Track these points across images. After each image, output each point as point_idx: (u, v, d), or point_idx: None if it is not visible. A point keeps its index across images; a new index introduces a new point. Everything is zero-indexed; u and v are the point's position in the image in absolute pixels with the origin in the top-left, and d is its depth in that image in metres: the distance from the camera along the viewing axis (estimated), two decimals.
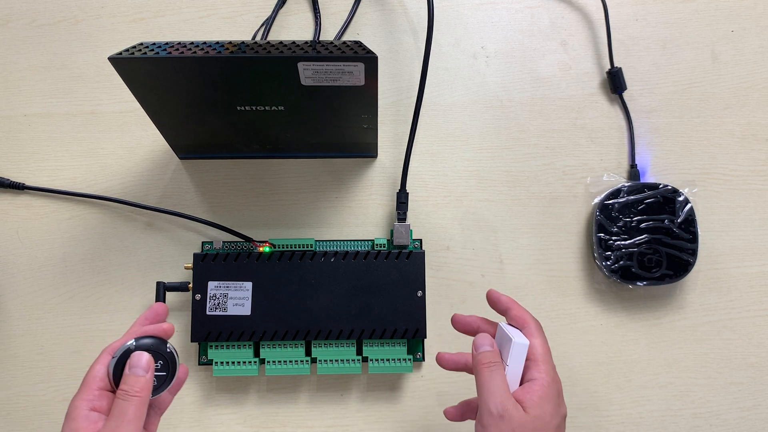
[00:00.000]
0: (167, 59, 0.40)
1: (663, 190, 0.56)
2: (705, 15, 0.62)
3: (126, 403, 0.37)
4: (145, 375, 0.38)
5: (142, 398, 0.37)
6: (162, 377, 0.40)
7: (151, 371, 0.39)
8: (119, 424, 0.36)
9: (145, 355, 0.39)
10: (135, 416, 0.37)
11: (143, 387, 0.38)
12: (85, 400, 0.38)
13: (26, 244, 0.57)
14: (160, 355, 0.40)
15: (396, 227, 0.56)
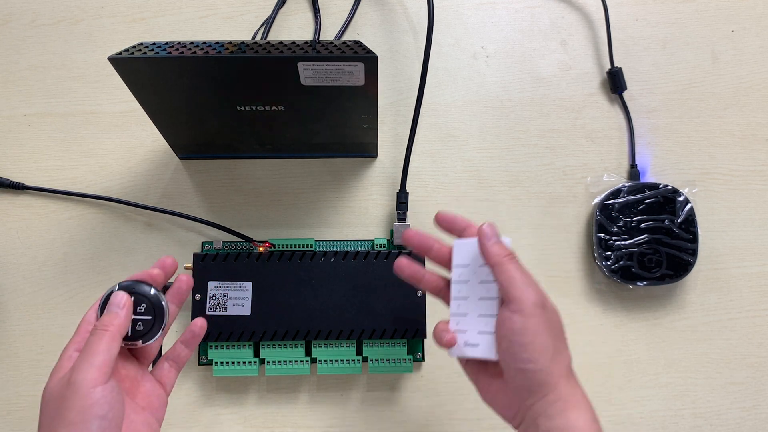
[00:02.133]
0: (167, 59, 0.40)
1: (663, 190, 0.56)
2: (705, 15, 0.62)
3: (93, 336, 0.37)
4: (117, 311, 0.38)
5: (110, 332, 0.37)
6: (148, 321, 0.40)
7: (126, 308, 0.38)
8: (86, 356, 0.35)
9: (120, 294, 0.39)
10: (102, 349, 0.36)
11: (112, 322, 0.37)
12: (74, 342, 0.38)
13: (26, 244, 0.57)
14: (144, 298, 0.40)
15: (396, 227, 0.56)
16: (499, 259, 0.39)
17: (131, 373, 0.40)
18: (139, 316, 0.40)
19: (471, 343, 0.40)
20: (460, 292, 0.41)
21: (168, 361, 0.43)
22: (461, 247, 0.42)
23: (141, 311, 0.40)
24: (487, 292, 0.40)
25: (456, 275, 0.42)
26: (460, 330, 0.41)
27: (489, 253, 0.39)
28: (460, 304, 0.41)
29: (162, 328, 0.40)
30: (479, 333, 0.39)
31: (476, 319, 0.40)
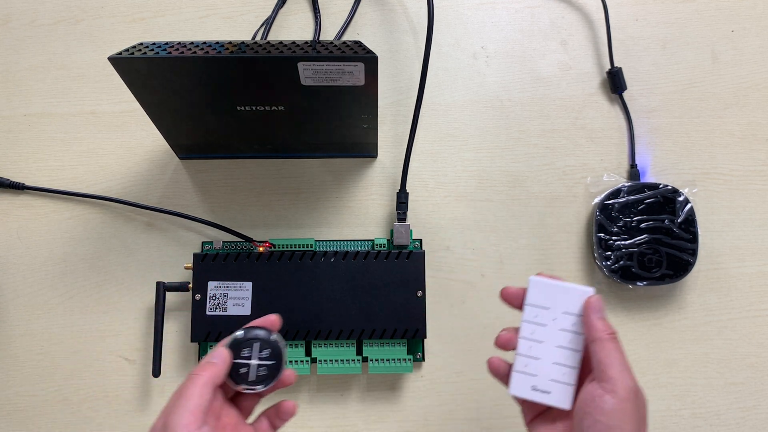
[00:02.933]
0: (167, 59, 0.41)
1: (663, 190, 0.56)
2: (705, 15, 0.62)
3: (187, 381, 0.38)
4: (215, 361, 0.39)
5: (203, 378, 0.37)
6: (272, 366, 0.40)
7: (222, 361, 0.39)
8: (180, 400, 0.37)
9: (221, 351, 0.40)
10: (195, 394, 0.37)
11: (207, 369, 0.38)
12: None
13: (26, 244, 0.57)
14: (267, 343, 0.40)
15: (396, 227, 0.56)
16: (603, 335, 0.38)
17: (232, 421, 0.40)
18: (263, 361, 0.40)
19: (541, 389, 0.40)
20: (533, 334, 0.40)
21: (267, 418, 0.42)
22: (540, 287, 0.41)
23: (265, 356, 0.40)
24: (569, 342, 0.39)
25: (530, 315, 0.40)
26: (527, 372, 0.40)
27: (594, 327, 0.38)
28: (532, 346, 0.40)
29: (278, 376, 0.41)
30: (552, 381, 0.39)
31: (550, 366, 0.40)
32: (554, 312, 0.40)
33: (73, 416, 0.55)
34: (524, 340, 0.40)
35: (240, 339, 0.40)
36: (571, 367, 0.39)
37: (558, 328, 0.40)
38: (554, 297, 0.40)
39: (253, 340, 0.40)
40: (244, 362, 0.40)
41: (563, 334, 0.40)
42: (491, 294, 0.57)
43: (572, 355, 0.39)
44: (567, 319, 0.40)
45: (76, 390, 0.55)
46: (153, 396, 0.55)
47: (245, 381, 0.40)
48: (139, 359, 0.56)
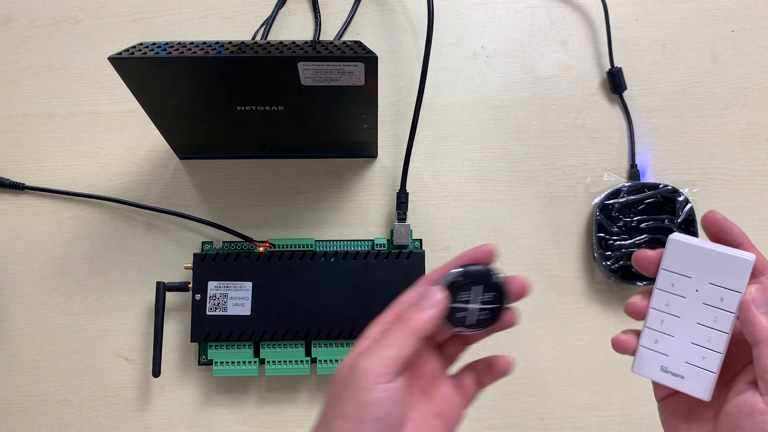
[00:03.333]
0: (167, 59, 0.40)
1: (663, 190, 0.56)
2: (705, 15, 0.62)
3: (394, 326, 0.33)
4: (427, 308, 0.34)
5: (412, 327, 0.33)
6: (495, 310, 0.35)
7: (437, 307, 0.34)
8: (379, 345, 0.32)
9: (435, 291, 0.34)
10: (398, 343, 0.32)
11: (418, 317, 0.33)
12: (381, 321, 0.36)
13: (26, 244, 0.57)
14: (491, 285, 0.35)
15: (396, 227, 0.56)
16: (764, 336, 0.31)
17: (433, 372, 0.36)
18: (486, 305, 0.35)
19: (672, 372, 0.34)
20: (669, 306, 0.34)
21: (473, 373, 0.37)
22: (682, 248, 0.34)
23: (487, 299, 0.35)
24: (715, 321, 0.33)
25: (666, 283, 0.34)
26: (657, 351, 0.35)
27: (757, 325, 0.32)
28: (666, 320, 0.34)
29: (500, 318, 0.36)
30: (688, 364, 0.34)
31: (687, 346, 0.34)
32: (698, 281, 0.33)
33: (73, 416, 0.55)
34: (656, 312, 0.34)
35: (459, 282, 0.35)
36: (714, 351, 0.33)
37: (701, 301, 0.33)
38: (700, 262, 0.33)
39: (474, 282, 0.35)
40: (463, 306, 0.35)
41: (708, 309, 0.33)
42: None
43: (717, 336, 0.33)
44: (715, 292, 0.33)
45: (76, 390, 0.55)
46: (153, 396, 0.55)
47: (462, 324, 0.35)
48: (139, 359, 0.56)
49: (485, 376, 0.37)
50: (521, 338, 0.56)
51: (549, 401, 0.55)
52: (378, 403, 0.31)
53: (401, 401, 0.32)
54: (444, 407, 0.36)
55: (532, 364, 0.55)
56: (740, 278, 0.33)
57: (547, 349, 0.56)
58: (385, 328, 0.34)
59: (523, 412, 0.55)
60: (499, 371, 0.37)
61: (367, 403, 0.31)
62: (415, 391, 0.36)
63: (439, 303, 0.34)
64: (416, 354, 0.34)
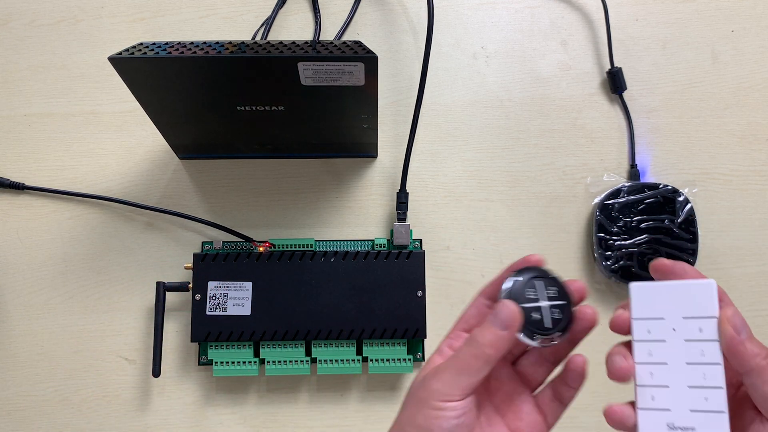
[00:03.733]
0: (167, 59, 0.40)
1: (663, 190, 0.56)
2: (705, 15, 0.62)
3: (468, 350, 0.32)
4: (502, 332, 0.32)
5: (488, 356, 0.32)
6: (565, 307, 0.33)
7: (513, 328, 0.32)
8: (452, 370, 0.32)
9: (509, 306, 0.32)
10: (472, 370, 0.32)
11: (494, 344, 0.32)
12: (447, 338, 0.37)
13: (26, 244, 0.57)
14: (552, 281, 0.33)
15: (396, 227, 0.56)
16: (758, 363, 0.29)
17: (508, 389, 0.36)
18: (553, 301, 0.33)
19: (682, 426, 0.30)
20: (652, 355, 0.32)
21: (550, 387, 0.36)
22: (645, 292, 0.33)
23: (554, 296, 0.33)
24: (702, 355, 0.30)
25: (641, 332, 0.33)
26: (657, 408, 0.31)
27: (742, 355, 0.30)
28: (654, 372, 0.32)
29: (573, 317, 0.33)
30: (693, 411, 0.30)
31: (686, 391, 0.31)
32: (672, 320, 0.32)
33: (73, 416, 0.55)
34: (643, 366, 0.32)
35: (520, 282, 0.33)
36: (714, 388, 0.30)
37: (682, 338, 0.31)
38: (667, 301, 0.32)
39: (534, 278, 0.33)
40: (534, 306, 0.33)
41: (692, 345, 0.31)
42: None
43: (711, 370, 0.30)
44: (692, 325, 0.31)
45: (76, 390, 0.55)
46: (153, 396, 0.55)
47: (541, 329, 0.32)
48: (139, 359, 0.56)
49: (562, 386, 0.35)
50: None
51: None
52: (447, 417, 0.32)
53: (469, 416, 0.32)
54: (520, 425, 0.35)
55: None
56: (710, 303, 0.31)
57: None
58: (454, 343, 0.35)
59: None
60: (572, 373, 0.34)
61: (436, 417, 0.32)
62: (489, 407, 0.36)
63: (514, 319, 0.32)
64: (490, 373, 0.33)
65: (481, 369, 0.32)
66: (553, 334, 0.33)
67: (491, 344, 0.32)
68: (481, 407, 0.36)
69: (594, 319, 0.34)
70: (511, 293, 0.33)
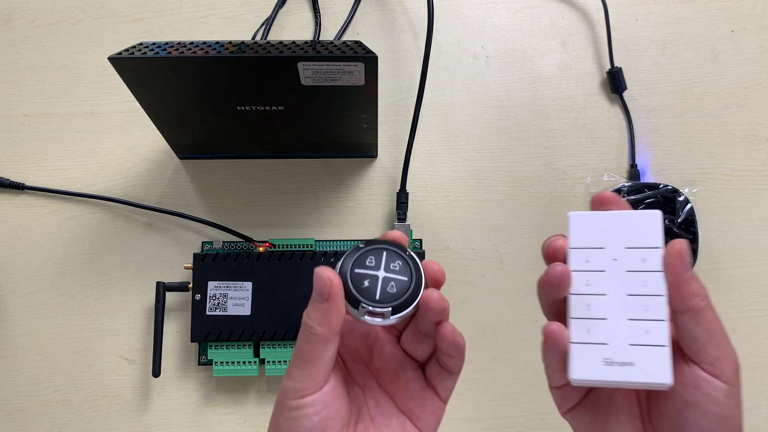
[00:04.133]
0: (167, 59, 0.40)
1: (663, 190, 0.56)
2: (705, 15, 0.62)
3: (301, 337, 0.30)
4: (321, 304, 0.29)
5: (319, 337, 0.29)
6: (403, 283, 0.30)
7: (333, 298, 0.29)
8: (294, 362, 0.30)
9: (322, 271, 0.29)
10: (311, 357, 0.29)
11: (319, 322, 0.29)
12: None
13: (26, 244, 0.57)
14: (396, 255, 0.30)
15: (396, 227, 0.56)
16: (697, 303, 0.28)
17: (393, 368, 0.33)
18: (392, 274, 0.30)
19: (620, 361, 0.28)
20: (590, 285, 0.29)
21: (438, 362, 0.33)
22: (585, 220, 0.30)
23: (395, 269, 0.30)
24: (644, 286, 0.28)
25: (578, 261, 0.30)
26: (592, 342, 0.29)
27: (684, 292, 0.28)
28: (591, 303, 0.29)
29: (417, 298, 0.30)
30: (633, 345, 0.28)
31: (625, 324, 0.29)
32: (613, 249, 0.29)
33: (73, 416, 0.55)
34: (578, 297, 0.29)
35: (361, 250, 0.31)
36: (656, 321, 0.28)
37: (623, 269, 0.29)
38: (608, 230, 0.30)
39: (381, 249, 0.30)
40: (367, 273, 0.30)
41: (634, 276, 0.29)
42: (491, 294, 0.57)
43: (654, 302, 0.28)
44: (634, 255, 0.29)
45: (76, 390, 0.55)
46: (153, 396, 0.55)
47: (369, 299, 0.30)
48: (139, 359, 0.56)
49: (443, 356, 0.32)
50: (521, 338, 0.56)
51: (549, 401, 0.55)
52: (307, 415, 0.29)
53: (333, 406, 0.30)
54: (410, 403, 0.33)
55: (532, 364, 0.55)
56: (655, 234, 0.29)
57: None
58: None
59: (523, 412, 0.55)
60: (446, 343, 0.31)
61: (296, 417, 0.29)
62: (375, 389, 0.34)
63: (327, 286, 0.29)
64: (365, 342, 0.31)
65: (322, 351, 0.29)
66: (383, 308, 0.29)
67: (319, 321, 0.29)
68: (367, 391, 0.33)
69: (440, 305, 0.30)
70: (346, 261, 0.30)
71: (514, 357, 0.56)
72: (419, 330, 0.33)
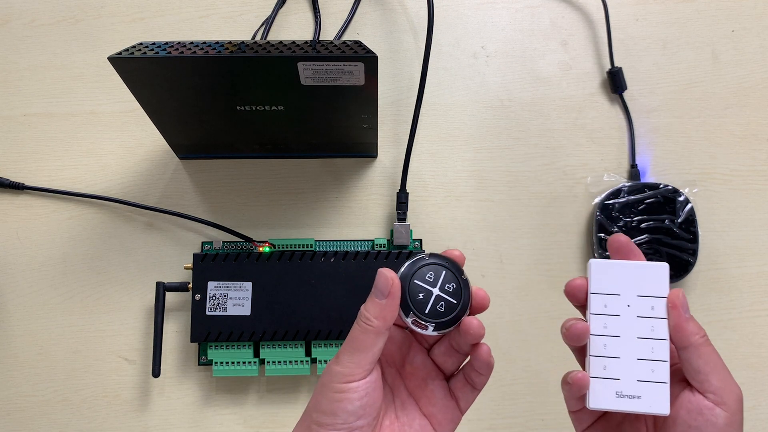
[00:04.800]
0: (167, 59, 0.40)
1: (663, 190, 0.56)
2: (705, 15, 0.62)
3: (357, 327, 0.33)
4: (381, 300, 0.33)
5: (373, 329, 0.33)
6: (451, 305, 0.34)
7: (391, 297, 0.33)
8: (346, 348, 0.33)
9: (385, 274, 0.33)
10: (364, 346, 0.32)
11: (376, 315, 0.33)
12: None
13: (26, 244, 0.57)
14: (454, 277, 0.34)
15: (396, 227, 0.56)
16: (697, 340, 0.33)
17: (422, 375, 0.37)
18: (444, 294, 0.34)
19: (629, 394, 0.34)
20: (607, 328, 0.34)
21: (464, 376, 0.37)
22: (604, 269, 0.35)
23: (448, 290, 0.34)
24: (652, 331, 0.34)
25: (597, 306, 0.35)
26: (608, 377, 0.34)
27: (685, 331, 0.33)
28: (608, 343, 0.34)
29: (459, 321, 0.34)
30: (640, 381, 0.34)
31: (635, 363, 0.34)
32: (627, 297, 0.34)
33: (73, 416, 0.55)
34: (597, 338, 0.35)
35: (424, 261, 0.34)
36: (660, 361, 0.34)
37: (635, 315, 0.34)
38: (624, 279, 0.34)
39: (439, 265, 0.34)
40: (424, 286, 0.34)
41: (643, 321, 0.34)
42: (492, 294, 0.56)
43: (659, 345, 0.34)
44: (645, 303, 0.34)
45: (76, 390, 0.55)
46: (153, 396, 0.55)
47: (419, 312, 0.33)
48: (139, 359, 0.56)
49: (472, 372, 0.36)
50: (521, 338, 0.56)
51: (549, 401, 0.55)
52: (350, 398, 0.32)
53: (373, 396, 0.33)
54: (433, 409, 0.36)
55: (532, 364, 0.55)
56: (662, 284, 0.34)
57: (547, 349, 0.56)
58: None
59: (523, 412, 0.55)
60: (479, 362, 0.35)
61: (339, 399, 0.32)
62: (403, 392, 0.37)
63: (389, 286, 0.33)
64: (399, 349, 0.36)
65: (374, 343, 0.33)
66: (428, 323, 0.33)
67: (375, 315, 0.33)
68: (396, 392, 0.37)
69: (479, 333, 0.34)
70: (409, 268, 0.34)
71: (514, 357, 0.56)
72: (452, 346, 0.37)
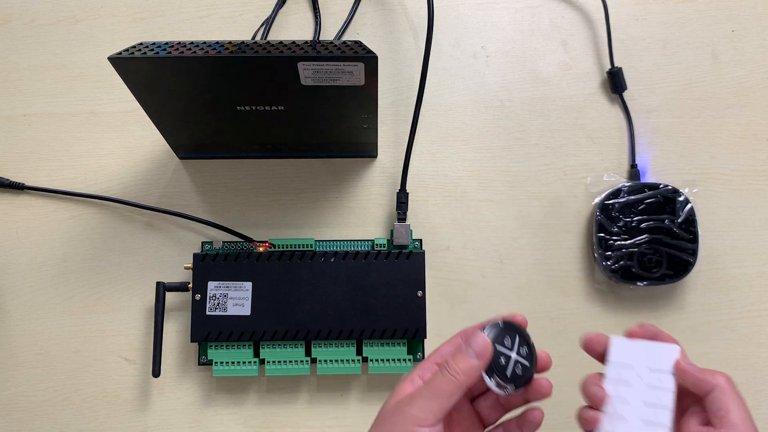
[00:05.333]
0: (167, 59, 0.40)
1: (663, 190, 0.56)
2: (705, 15, 0.62)
3: (442, 378, 0.35)
4: (473, 362, 0.36)
5: (459, 382, 0.35)
6: (526, 368, 0.37)
7: (484, 359, 0.36)
8: (426, 394, 0.35)
9: (481, 338, 0.36)
10: (444, 395, 0.35)
11: (464, 371, 0.35)
12: (419, 368, 0.39)
13: (26, 244, 0.57)
14: (525, 341, 0.37)
15: (396, 227, 0.56)
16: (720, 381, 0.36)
17: (467, 423, 0.39)
18: (520, 357, 0.37)
19: None
20: (619, 392, 0.40)
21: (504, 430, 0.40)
22: (623, 347, 0.41)
23: (523, 354, 0.37)
24: (657, 399, 0.39)
25: (614, 374, 0.40)
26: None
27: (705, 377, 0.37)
28: (618, 405, 0.40)
29: (530, 380, 0.38)
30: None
31: (638, 425, 0.39)
32: (640, 370, 0.40)
33: (73, 416, 0.55)
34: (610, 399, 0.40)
35: (501, 328, 0.37)
36: (663, 425, 0.38)
37: (644, 384, 0.39)
38: (638, 355, 0.40)
39: (513, 330, 0.37)
40: (505, 352, 0.37)
41: (651, 391, 0.39)
42: (491, 294, 0.57)
43: (662, 412, 0.38)
44: (653, 376, 0.39)
45: (76, 390, 0.55)
46: (153, 396, 0.55)
47: (501, 375, 0.36)
48: (139, 359, 0.56)
49: (515, 428, 0.39)
50: None
51: (549, 401, 0.55)
52: None
53: None
54: None
55: None
56: (670, 362, 0.39)
57: (546, 349, 0.56)
58: (424, 374, 0.38)
59: None
60: (529, 423, 0.38)
61: None
62: None
63: (485, 350, 0.36)
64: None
65: (453, 394, 0.35)
66: (508, 385, 0.37)
67: (463, 371, 0.35)
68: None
69: (548, 392, 0.38)
70: (491, 332, 0.37)
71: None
72: (499, 401, 0.40)
